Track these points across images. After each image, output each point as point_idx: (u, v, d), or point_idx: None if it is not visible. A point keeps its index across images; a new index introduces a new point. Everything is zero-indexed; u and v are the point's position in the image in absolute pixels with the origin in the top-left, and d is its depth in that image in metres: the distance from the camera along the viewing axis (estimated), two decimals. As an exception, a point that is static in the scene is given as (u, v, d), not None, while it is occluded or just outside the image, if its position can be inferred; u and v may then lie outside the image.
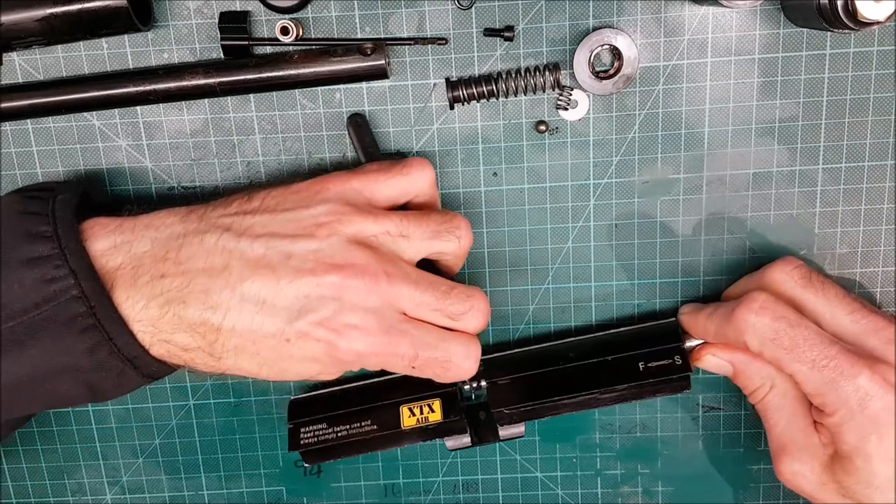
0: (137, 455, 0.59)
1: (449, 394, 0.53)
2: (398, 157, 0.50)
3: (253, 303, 0.43)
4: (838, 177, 0.52)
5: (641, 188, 0.52)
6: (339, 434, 0.52)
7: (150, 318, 0.43)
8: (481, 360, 0.48)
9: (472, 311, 0.46)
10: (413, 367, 0.45)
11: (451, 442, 0.53)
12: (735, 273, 0.53)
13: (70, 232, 0.43)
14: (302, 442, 0.53)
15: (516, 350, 0.55)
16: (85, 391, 0.44)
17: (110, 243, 0.44)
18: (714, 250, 0.53)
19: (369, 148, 0.50)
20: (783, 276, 0.49)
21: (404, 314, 0.45)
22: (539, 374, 0.52)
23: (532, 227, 0.53)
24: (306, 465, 0.55)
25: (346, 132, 0.50)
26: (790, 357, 0.46)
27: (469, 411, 0.53)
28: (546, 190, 0.52)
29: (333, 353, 0.43)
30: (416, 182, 0.47)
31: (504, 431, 0.52)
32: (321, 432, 0.53)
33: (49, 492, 0.59)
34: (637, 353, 0.51)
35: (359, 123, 0.50)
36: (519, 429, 0.53)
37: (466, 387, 0.53)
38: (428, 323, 0.45)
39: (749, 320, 0.47)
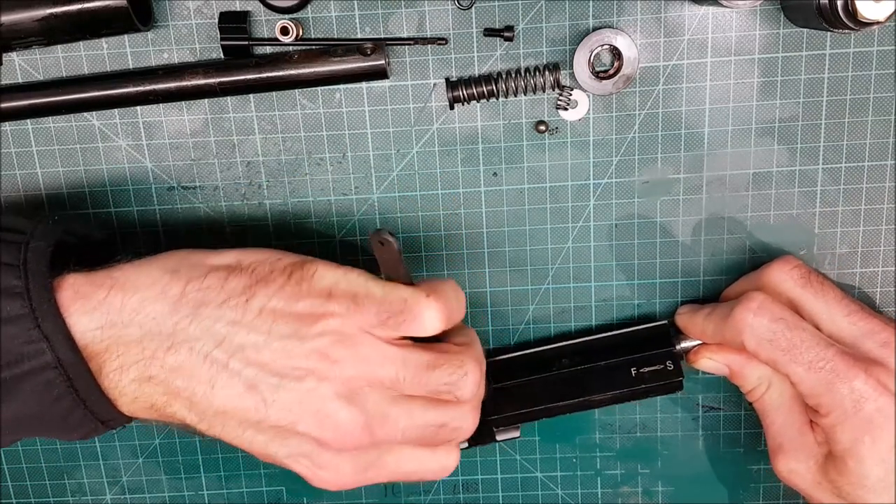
0: (137, 455, 0.59)
1: None
2: (421, 281, 0.45)
3: (234, 428, 0.42)
4: (838, 177, 0.51)
5: (641, 188, 0.52)
6: None
7: (137, 408, 0.43)
8: None
9: (462, 437, 0.45)
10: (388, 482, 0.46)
11: None
12: (735, 273, 0.53)
13: (43, 291, 0.40)
14: None
15: (509, 355, 0.55)
16: (53, 438, 0.44)
17: (94, 323, 0.41)
18: (714, 250, 0.53)
19: (395, 272, 0.44)
20: (782, 275, 0.49)
21: (379, 448, 0.44)
22: (532, 380, 0.53)
23: (532, 227, 0.53)
24: None
25: (373, 244, 0.43)
26: (787, 358, 0.46)
27: None
28: (546, 190, 0.52)
29: (310, 479, 0.44)
30: (422, 330, 0.43)
31: (500, 435, 0.53)
32: None
33: (49, 492, 0.59)
34: (629, 359, 0.52)
35: (384, 245, 0.42)
36: (514, 432, 0.53)
37: None
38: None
39: (747, 321, 0.47)
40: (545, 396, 0.52)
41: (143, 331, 0.41)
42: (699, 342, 0.51)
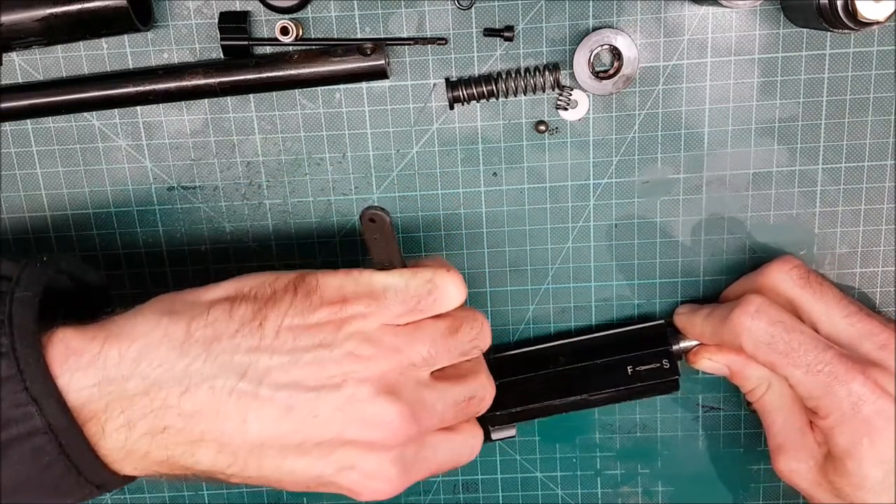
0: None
1: None
2: (418, 261, 0.45)
3: (273, 459, 0.40)
4: (838, 177, 0.51)
5: (641, 188, 0.52)
6: None
7: (149, 465, 0.40)
8: None
9: (483, 408, 0.46)
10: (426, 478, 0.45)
11: None
12: (735, 273, 0.53)
13: (30, 349, 0.37)
14: None
15: (506, 353, 0.55)
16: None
17: (90, 380, 0.38)
18: (714, 250, 0.53)
19: (390, 255, 0.43)
20: (781, 275, 0.49)
21: (422, 437, 0.43)
22: (529, 377, 0.53)
23: (532, 227, 0.53)
24: None
25: (364, 224, 0.42)
26: (785, 361, 0.46)
27: None
28: (546, 190, 0.52)
29: (353, 496, 0.42)
30: (447, 308, 0.43)
31: (496, 434, 0.53)
32: None
33: (49, 492, 0.59)
34: (625, 357, 0.52)
35: (376, 223, 0.42)
36: (510, 431, 0.53)
37: None
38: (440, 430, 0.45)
39: (745, 324, 0.47)
40: (541, 394, 0.52)
41: (148, 382, 0.39)
42: (698, 342, 0.51)
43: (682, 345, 0.52)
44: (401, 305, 0.42)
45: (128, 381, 0.38)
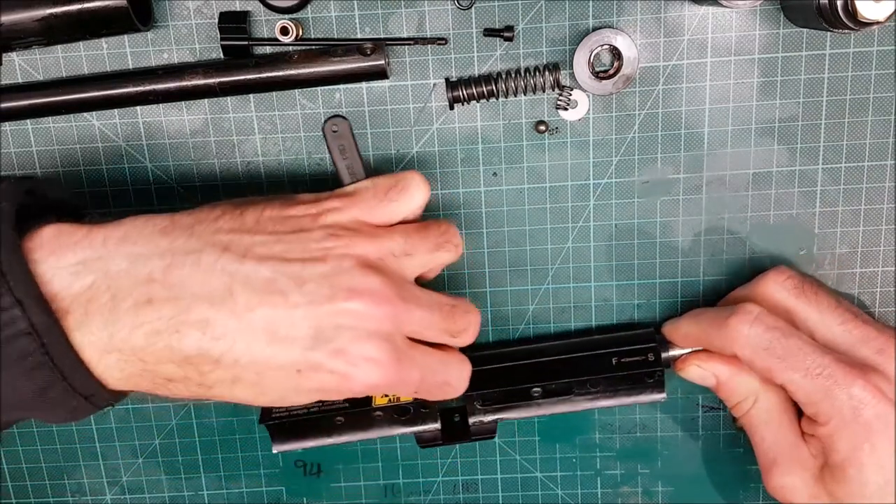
0: (137, 455, 0.59)
1: None
2: (382, 171, 0.47)
3: (262, 333, 0.39)
4: (838, 177, 0.52)
5: (641, 188, 0.52)
6: (311, 410, 0.52)
7: (133, 349, 0.38)
8: None
9: (470, 328, 0.45)
10: (416, 392, 0.44)
11: (420, 432, 0.52)
12: (735, 273, 0.53)
13: (13, 252, 0.37)
14: (273, 414, 0.52)
15: (493, 351, 0.55)
16: (34, 419, 0.40)
17: (77, 258, 0.38)
18: (714, 250, 0.53)
19: (354, 164, 0.46)
20: (776, 285, 0.49)
21: (408, 337, 0.43)
22: (511, 366, 0.53)
23: (532, 227, 0.53)
24: (274, 448, 0.54)
25: (323, 138, 0.46)
26: (783, 366, 0.46)
27: (444, 414, 0.53)
28: (546, 190, 0.52)
29: (345, 385, 0.41)
30: (414, 203, 0.45)
31: (476, 426, 0.52)
32: (293, 408, 0.52)
33: (49, 492, 0.59)
34: (611, 350, 0.52)
35: (338, 131, 0.46)
36: (491, 423, 0.52)
37: None
38: (427, 344, 0.44)
39: (743, 330, 0.47)
40: (525, 381, 0.52)
41: (132, 258, 0.39)
42: (687, 351, 0.51)
43: (671, 353, 0.52)
44: (372, 198, 0.44)
45: (113, 258, 0.39)
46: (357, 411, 0.52)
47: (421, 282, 0.46)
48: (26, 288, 0.37)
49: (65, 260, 0.38)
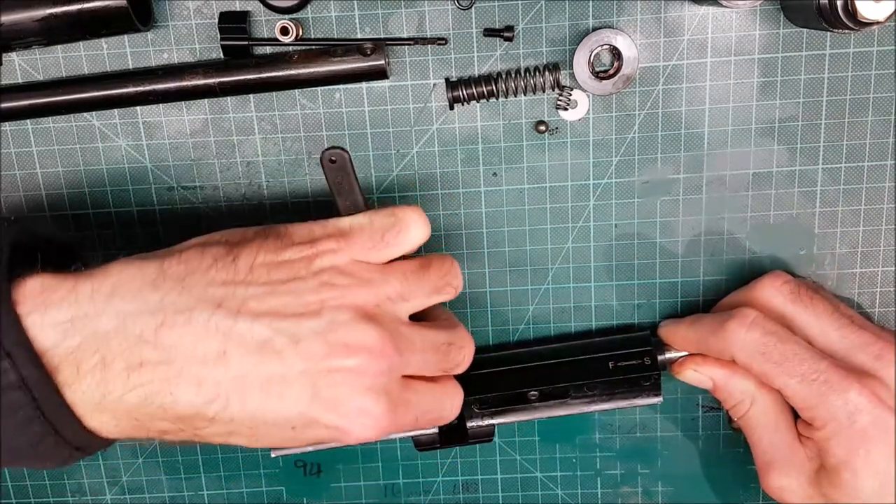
0: (137, 455, 0.59)
1: None
2: (380, 205, 0.45)
3: (257, 392, 0.38)
4: (838, 177, 0.51)
5: (641, 188, 0.52)
6: None
7: (126, 410, 0.38)
8: None
9: (465, 361, 0.45)
10: (413, 428, 0.44)
11: (417, 437, 0.52)
12: (735, 273, 0.53)
13: (3, 303, 0.36)
14: None
15: (490, 354, 0.55)
16: (24, 468, 0.40)
17: (64, 316, 0.37)
18: (714, 250, 0.53)
19: (352, 196, 0.45)
20: (772, 291, 0.49)
21: (404, 376, 0.42)
22: (508, 370, 0.53)
23: (532, 227, 0.53)
24: (273, 454, 0.53)
25: (324, 166, 0.44)
26: (779, 371, 0.46)
27: None
28: (546, 190, 0.52)
29: (340, 438, 0.40)
30: (413, 244, 0.43)
31: (473, 429, 0.52)
32: None
33: (49, 492, 0.59)
34: (607, 354, 0.52)
35: (336, 162, 0.44)
36: (489, 427, 0.52)
37: None
38: (421, 381, 0.44)
39: (739, 335, 0.47)
40: (520, 385, 0.52)
41: (122, 316, 0.37)
42: (684, 354, 0.51)
43: (668, 356, 0.52)
44: (368, 240, 0.42)
45: (101, 316, 0.37)
46: None
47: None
48: (17, 339, 0.36)
49: (50, 317, 0.37)
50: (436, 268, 0.44)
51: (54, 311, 0.37)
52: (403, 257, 0.44)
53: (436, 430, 0.52)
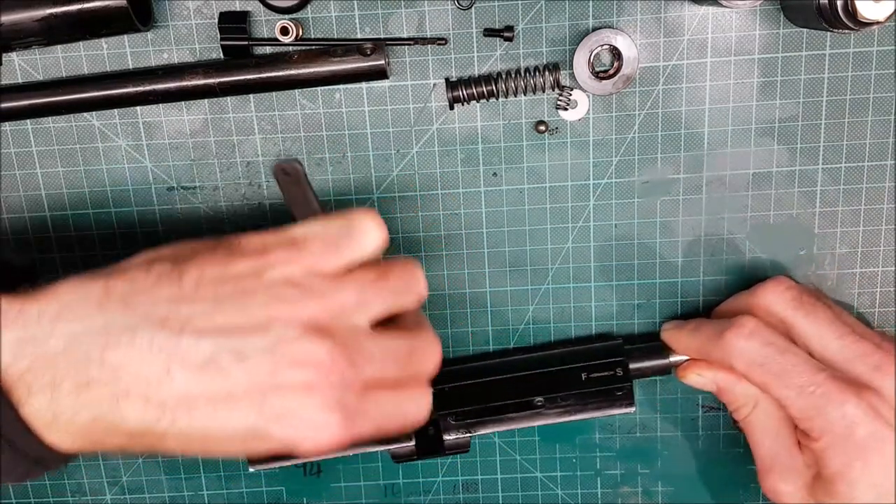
0: (137, 455, 0.59)
1: None
2: (335, 211, 0.43)
3: (203, 409, 0.38)
4: (838, 177, 0.51)
5: (641, 188, 0.52)
6: None
7: (79, 428, 0.38)
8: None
9: (428, 365, 0.43)
10: (374, 437, 0.42)
11: (395, 450, 0.52)
12: (735, 273, 0.53)
13: None
14: None
15: (465, 365, 0.55)
16: None
17: (13, 337, 0.37)
18: (714, 250, 0.53)
19: (305, 208, 0.44)
20: (774, 296, 0.49)
21: (362, 386, 0.41)
22: (483, 382, 0.53)
23: (532, 227, 0.53)
24: (251, 468, 0.53)
25: (277, 176, 0.43)
26: (778, 382, 0.46)
27: (418, 430, 0.53)
28: (546, 190, 0.52)
29: (294, 450, 0.39)
30: (368, 249, 0.41)
31: (449, 441, 0.53)
32: None
33: (49, 492, 0.59)
34: (580, 365, 0.53)
35: (290, 174, 0.43)
36: (465, 439, 0.53)
37: None
38: (385, 386, 0.42)
39: (738, 345, 0.47)
40: (495, 398, 0.52)
41: (68, 338, 0.38)
42: (686, 358, 0.51)
43: (672, 359, 0.52)
44: (322, 247, 0.40)
45: (49, 338, 0.37)
46: None
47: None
48: None
49: (2, 339, 0.37)
50: (396, 275, 0.42)
51: (5, 334, 0.37)
52: (366, 263, 0.42)
53: (412, 442, 0.52)
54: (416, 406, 0.43)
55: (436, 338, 0.44)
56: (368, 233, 0.41)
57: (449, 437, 0.53)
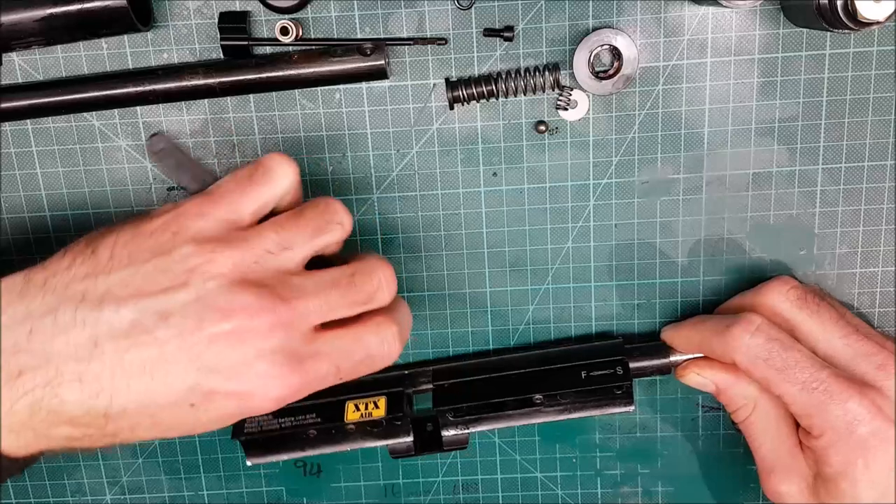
0: (137, 455, 0.59)
1: (395, 393, 0.53)
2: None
3: (140, 377, 0.37)
4: (838, 177, 0.51)
5: (641, 188, 0.52)
6: (283, 426, 0.52)
7: (20, 421, 0.37)
8: (431, 370, 0.52)
9: (381, 286, 0.42)
10: (340, 378, 0.41)
11: (392, 445, 0.52)
12: (735, 273, 0.53)
13: None
14: (245, 430, 0.52)
15: (466, 361, 0.55)
16: None
17: None
18: (714, 250, 0.53)
19: (195, 171, 0.45)
20: (779, 296, 0.49)
21: (314, 328, 0.40)
22: (482, 379, 0.53)
23: (532, 227, 0.53)
24: (248, 461, 0.53)
25: (152, 158, 0.44)
26: (780, 377, 0.46)
27: (416, 423, 0.53)
28: (546, 190, 0.52)
29: (248, 406, 0.39)
30: (280, 185, 0.41)
31: (448, 437, 0.52)
32: (265, 422, 0.52)
33: (49, 492, 0.59)
34: (580, 364, 0.52)
35: (163, 148, 0.45)
36: (463, 435, 0.53)
37: (410, 390, 0.54)
38: (338, 326, 0.41)
39: (743, 339, 0.47)
40: (494, 395, 0.52)
41: None
42: (688, 357, 0.51)
43: (672, 358, 0.52)
44: (232, 195, 0.40)
45: None
46: (329, 426, 0.51)
47: (328, 259, 0.43)
48: None
49: None
50: (310, 210, 0.42)
51: None
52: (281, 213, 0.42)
53: (410, 439, 0.52)
54: (379, 339, 0.42)
55: (380, 260, 0.43)
56: (276, 170, 0.41)
57: (447, 434, 0.52)
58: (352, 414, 0.52)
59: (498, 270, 0.54)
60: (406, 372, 0.55)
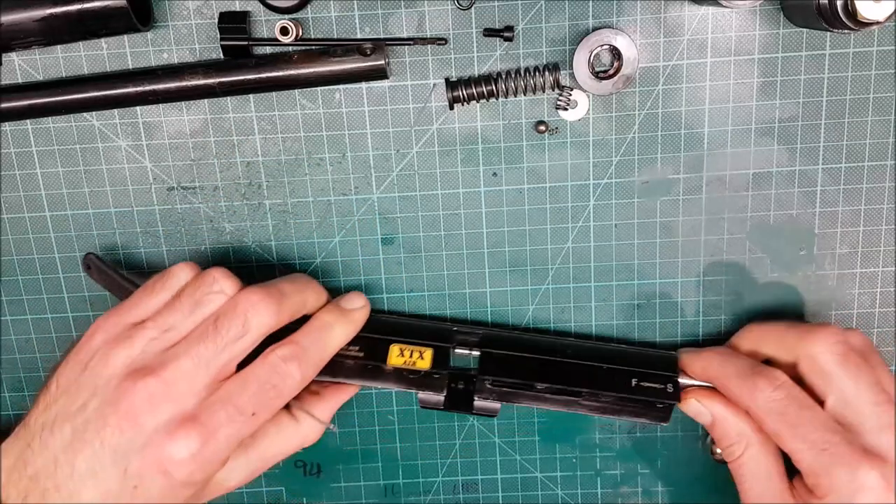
0: None
1: (442, 349, 0.52)
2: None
3: (91, 477, 0.43)
4: (838, 177, 0.52)
5: (641, 188, 0.52)
6: None
7: None
8: (481, 332, 0.52)
9: (246, 320, 0.45)
10: (254, 415, 0.45)
11: (423, 395, 0.51)
12: (735, 274, 0.53)
13: None
14: None
15: (520, 334, 0.55)
16: None
17: None
18: (714, 250, 0.53)
19: (120, 282, 0.51)
20: (824, 346, 0.47)
21: (211, 382, 0.45)
22: (534, 358, 0.52)
23: (532, 227, 0.53)
24: None
25: (85, 272, 0.52)
26: (792, 434, 0.46)
27: (452, 379, 0.52)
28: (546, 190, 0.52)
29: (176, 474, 0.43)
30: (176, 283, 0.48)
31: (479, 403, 0.51)
32: None
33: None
34: (633, 370, 0.51)
35: (92, 268, 0.52)
36: (495, 405, 0.51)
37: (460, 350, 0.53)
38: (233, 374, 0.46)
39: (765, 392, 0.46)
40: (539, 378, 0.51)
41: (7, 474, 0.44)
42: (696, 383, 0.51)
43: (681, 381, 0.51)
44: (137, 296, 0.47)
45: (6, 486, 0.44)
46: (368, 364, 0.51)
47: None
48: None
49: None
50: (188, 288, 0.47)
51: None
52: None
53: (444, 394, 0.51)
54: (268, 367, 0.46)
55: (244, 292, 0.46)
56: (177, 273, 0.48)
57: (480, 400, 0.51)
58: (395, 358, 0.51)
59: (498, 270, 0.54)
60: (454, 328, 0.54)
